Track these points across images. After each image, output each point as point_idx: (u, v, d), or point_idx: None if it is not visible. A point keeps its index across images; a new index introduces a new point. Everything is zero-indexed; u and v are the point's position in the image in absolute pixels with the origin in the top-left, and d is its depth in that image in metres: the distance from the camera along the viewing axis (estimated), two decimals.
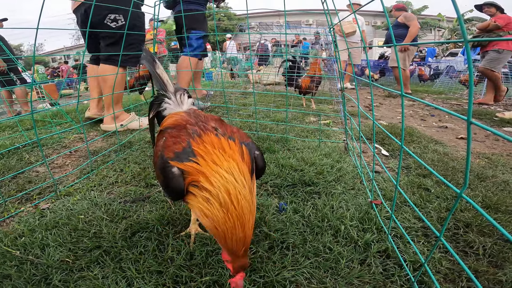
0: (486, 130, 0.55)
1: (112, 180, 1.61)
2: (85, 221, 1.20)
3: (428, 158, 1.95)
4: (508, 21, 4.30)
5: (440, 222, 1.22)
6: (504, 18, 4.35)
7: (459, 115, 0.63)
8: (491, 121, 3.42)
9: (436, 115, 3.68)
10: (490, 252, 1.04)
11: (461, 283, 0.91)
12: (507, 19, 4.32)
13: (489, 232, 1.14)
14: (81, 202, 1.36)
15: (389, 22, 0.93)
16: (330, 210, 1.26)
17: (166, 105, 1.14)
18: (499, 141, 2.55)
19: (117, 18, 2.28)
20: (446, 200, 1.38)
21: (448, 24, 25.81)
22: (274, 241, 1.08)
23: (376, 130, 2.49)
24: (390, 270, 0.95)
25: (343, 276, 0.92)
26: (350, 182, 1.54)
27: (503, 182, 1.58)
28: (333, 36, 2.02)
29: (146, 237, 1.10)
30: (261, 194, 1.44)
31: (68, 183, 1.60)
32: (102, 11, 2.22)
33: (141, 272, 0.93)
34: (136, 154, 1.99)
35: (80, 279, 0.91)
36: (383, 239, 1.09)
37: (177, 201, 0.82)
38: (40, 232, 1.12)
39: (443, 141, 2.46)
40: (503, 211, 1.29)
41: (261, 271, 0.93)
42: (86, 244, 1.05)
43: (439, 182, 1.55)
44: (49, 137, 2.38)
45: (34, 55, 1.39)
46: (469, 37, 5.16)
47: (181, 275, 0.92)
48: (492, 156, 2.06)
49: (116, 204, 1.32)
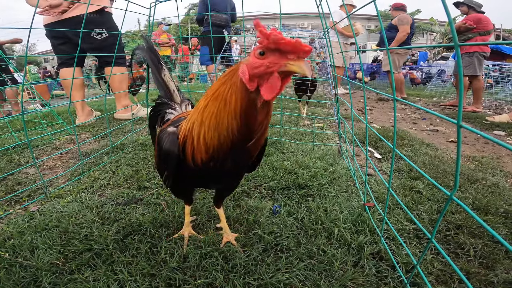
0: (476, 133, 0.56)
1: (104, 182, 1.59)
2: (75, 223, 1.18)
3: (420, 161, 1.97)
4: (479, 21, 4.21)
5: (432, 224, 1.23)
6: (474, 18, 4.24)
7: (450, 119, 0.64)
8: (481, 125, 3.48)
9: (428, 118, 3.74)
10: (481, 254, 1.05)
11: (453, 284, 0.92)
12: (476, 19, 4.22)
13: (480, 233, 1.16)
14: (71, 204, 1.34)
15: (382, 25, 0.94)
16: (323, 213, 1.26)
17: (170, 115, 1.10)
18: (489, 144, 2.60)
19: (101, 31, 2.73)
20: (437, 202, 1.40)
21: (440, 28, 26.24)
22: (268, 243, 1.08)
23: (369, 133, 2.51)
24: (383, 272, 0.96)
25: (337, 278, 0.93)
26: (343, 185, 1.55)
27: (493, 184, 1.61)
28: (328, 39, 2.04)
29: (139, 240, 1.09)
30: (255, 197, 1.43)
31: (59, 185, 1.58)
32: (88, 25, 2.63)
33: (134, 275, 0.91)
34: (128, 156, 1.97)
35: (71, 281, 0.90)
36: (376, 241, 1.10)
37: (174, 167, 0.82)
38: (30, 234, 1.10)
39: (434, 144, 2.50)
40: (493, 213, 1.31)
41: (255, 273, 0.93)
42: (77, 246, 1.04)
43: (431, 184, 1.58)
44: (40, 138, 2.34)
45: (26, 55, 1.38)
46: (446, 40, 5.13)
47: (174, 278, 0.91)
48: (482, 159, 2.10)
49: (108, 207, 1.31)
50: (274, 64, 0.65)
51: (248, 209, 1.31)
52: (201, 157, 0.78)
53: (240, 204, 1.36)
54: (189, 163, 0.81)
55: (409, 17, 5.09)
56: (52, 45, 2.83)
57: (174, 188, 1.02)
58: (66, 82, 2.85)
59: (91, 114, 3.03)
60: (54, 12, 2.48)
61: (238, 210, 1.30)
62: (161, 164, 0.91)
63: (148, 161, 1.87)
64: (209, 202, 1.37)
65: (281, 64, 0.64)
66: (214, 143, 0.75)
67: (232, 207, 1.33)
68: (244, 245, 1.08)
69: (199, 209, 1.32)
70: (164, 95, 1.14)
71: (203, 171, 0.82)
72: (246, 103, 0.70)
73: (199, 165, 0.79)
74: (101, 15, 2.69)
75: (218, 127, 0.73)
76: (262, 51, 0.66)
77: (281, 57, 0.64)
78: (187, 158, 0.81)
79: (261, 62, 0.65)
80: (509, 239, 1.14)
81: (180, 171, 0.84)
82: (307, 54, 0.63)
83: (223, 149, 0.75)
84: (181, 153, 0.81)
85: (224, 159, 0.78)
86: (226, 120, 0.72)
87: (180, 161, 0.82)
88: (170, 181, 0.90)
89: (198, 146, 0.77)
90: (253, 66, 0.66)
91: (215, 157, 0.77)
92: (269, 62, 0.65)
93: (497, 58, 8.12)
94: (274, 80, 0.66)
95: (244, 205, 1.34)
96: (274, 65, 0.65)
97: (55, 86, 7.67)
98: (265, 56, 0.65)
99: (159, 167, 0.96)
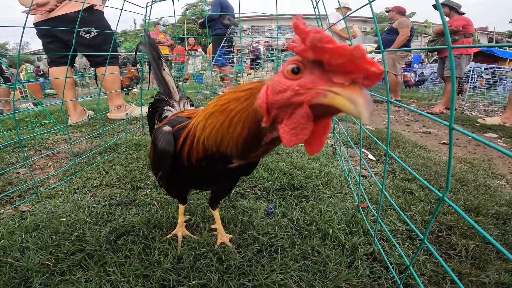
0: (468, 135, 0.57)
1: (96, 182, 1.57)
2: (67, 224, 1.17)
3: (413, 162, 1.99)
4: (465, 23, 4.24)
5: (424, 225, 1.25)
6: (460, 20, 4.26)
7: (442, 121, 0.64)
8: (472, 127, 3.53)
9: (421, 120, 3.78)
10: (472, 254, 1.06)
11: (445, 285, 0.93)
12: (463, 21, 4.25)
13: (471, 234, 1.18)
14: (63, 204, 1.32)
15: (378, 28, 0.95)
16: (318, 214, 1.26)
17: (168, 112, 1.10)
18: (480, 146, 2.64)
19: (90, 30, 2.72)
20: (430, 204, 1.41)
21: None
22: (262, 244, 1.07)
23: (363, 135, 2.53)
24: (376, 272, 0.97)
25: (331, 279, 0.93)
26: (337, 186, 1.55)
27: (484, 186, 1.63)
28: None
29: (132, 241, 1.07)
30: (250, 197, 1.43)
31: (50, 185, 1.55)
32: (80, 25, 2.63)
33: (127, 276, 0.90)
34: (122, 156, 1.95)
35: (62, 282, 0.88)
36: (369, 242, 1.10)
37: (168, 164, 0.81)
38: (20, 234, 1.08)
39: (426, 146, 2.53)
40: (484, 214, 1.33)
41: (250, 274, 0.93)
42: (68, 247, 1.02)
43: (423, 186, 1.59)
44: (31, 137, 2.31)
45: (19, 53, 1.36)
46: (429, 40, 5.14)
47: (168, 279, 0.90)
48: (474, 161, 2.13)
49: (100, 207, 1.29)
50: (306, 90, 0.40)
51: (243, 210, 1.30)
52: (197, 155, 0.77)
53: (234, 205, 1.35)
54: (184, 161, 0.80)
55: (409, 21, 5.16)
56: (42, 44, 2.80)
57: (168, 187, 1.01)
58: (56, 82, 2.82)
59: (84, 113, 3.00)
60: (41, 10, 2.47)
61: (233, 211, 1.30)
62: (156, 163, 0.90)
63: (142, 161, 1.86)
64: (203, 202, 1.36)
65: (318, 91, 0.39)
66: (212, 149, 0.74)
67: (227, 208, 1.33)
68: (238, 246, 1.07)
69: (194, 210, 1.31)
70: (163, 91, 1.14)
71: (198, 171, 0.81)
72: (252, 137, 0.55)
73: (193, 162, 0.78)
74: (90, 13, 2.66)
75: (217, 140, 0.68)
76: (296, 67, 0.41)
77: (321, 78, 0.39)
78: (183, 156, 0.80)
79: (289, 84, 0.42)
80: (500, 240, 1.15)
81: (175, 170, 0.84)
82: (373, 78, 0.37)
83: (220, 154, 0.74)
84: (178, 151, 0.80)
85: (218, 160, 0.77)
86: (227, 140, 0.65)
87: (175, 161, 0.82)
88: (165, 181, 0.89)
89: (197, 146, 0.76)
90: (275, 89, 0.44)
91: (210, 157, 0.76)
92: (299, 86, 0.41)
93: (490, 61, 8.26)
94: (301, 116, 0.42)
95: (238, 206, 1.34)
96: (306, 90, 0.40)
97: (47, 85, 7.57)
98: (299, 75, 0.41)
99: (154, 166, 0.95)
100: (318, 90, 0.39)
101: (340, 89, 0.37)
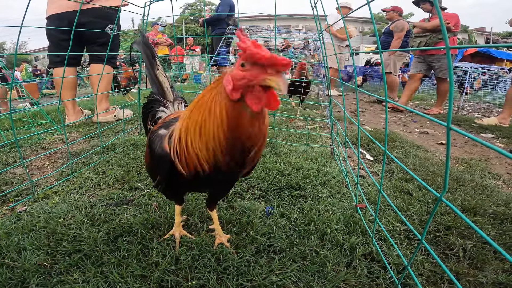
0: (465, 136, 0.57)
1: (93, 183, 1.56)
2: (64, 224, 1.16)
3: (410, 163, 2.00)
4: (457, 21, 4.18)
5: (422, 225, 1.25)
6: (454, 18, 4.18)
7: (439, 121, 0.65)
8: (470, 127, 3.55)
9: (418, 121, 3.80)
10: (470, 254, 1.07)
11: (443, 285, 0.93)
12: (456, 19, 4.18)
13: (469, 234, 1.18)
14: (60, 205, 1.31)
15: (376, 29, 0.95)
16: (316, 214, 1.27)
17: (161, 113, 1.09)
18: (478, 146, 2.65)
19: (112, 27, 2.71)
20: (427, 204, 1.42)
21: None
22: (261, 245, 1.07)
23: (361, 135, 2.54)
24: (375, 272, 0.97)
25: (329, 279, 0.93)
26: (335, 186, 1.56)
27: (481, 186, 1.64)
28: (322, 41, 2.05)
29: (130, 241, 1.07)
30: (248, 198, 1.43)
31: (47, 186, 1.54)
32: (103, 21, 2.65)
33: (124, 276, 0.90)
34: (119, 156, 1.94)
35: (59, 283, 0.88)
36: (367, 242, 1.10)
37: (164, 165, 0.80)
38: (17, 235, 1.08)
39: (424, 146, 2.54)
40: (481, 214, 1.34)
41: (248, 275, 0.93)
42: (65, 248, 1.02)
43: (421, 186, 1.60)
44: (28, 137, 2.29)
45: (16, 53, 1.35)
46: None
47: (166, 280, 0.90)
48: (471, 161, 2.14)
49: (97, 208, 1.28)
50: (254, 78, 0.65)
51: (241, 211, 1.30)
52: (193, 165, 0.76)
53: (233, 205, 1.35)
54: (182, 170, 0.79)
55: (406, 23, 5.14)
56: (51, 40, 2.66)
57: (165, 191, 1.00)
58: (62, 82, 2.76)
59: (81, 113, 2.98)
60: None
61: (231, 212, 1.30)
62: (153, 168, 0.89)
63: (139, 161, 1.85)
64: (201, 203, 1.36)
65: (261, 79, 0.64)
66: (203, 151, 0.74)
67: (225, 208, 1.33)
68: (237, 246, 1.07)
69: (192, 210, 1.31)
70: (157, 91, 1.12)
71: (196, 177, 0.80)
72: (232, 112, 0.70)
73: (192, 172, 0.78)
74: (115, 12, 2.61)
75: (203, 135, 0.73)
76: (242, 63, 0.66)
77: (261, 71, 0.64)
78: (181, 165, 0.79)
79: (243, 74, 0.66)
80: (498, 240, 1.16)
81: (172, 175, 0.83)
82: (286, 67, 0.62)
83: (217, 156, 0.74)
84: (174, 157, 0.79)
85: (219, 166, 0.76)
86: (212, 129, 0.72)
87: (172, 166, 0.81)
88: (163, 186, 0.88)
89: (189, 154, 0.76)
90: (236, 77, 0.67)
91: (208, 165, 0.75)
92: (250, 75, 0.65)
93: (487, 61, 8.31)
94: (258, 92, 0.66)
95: (237, 206, 1.33)
96: (254, 78, 0.65)
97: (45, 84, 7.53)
98: (246, 68, 0.65)
99: (151, 171, 0.94)
100: (260, 78, 0.64)
101: (271, 76, 0.63)
